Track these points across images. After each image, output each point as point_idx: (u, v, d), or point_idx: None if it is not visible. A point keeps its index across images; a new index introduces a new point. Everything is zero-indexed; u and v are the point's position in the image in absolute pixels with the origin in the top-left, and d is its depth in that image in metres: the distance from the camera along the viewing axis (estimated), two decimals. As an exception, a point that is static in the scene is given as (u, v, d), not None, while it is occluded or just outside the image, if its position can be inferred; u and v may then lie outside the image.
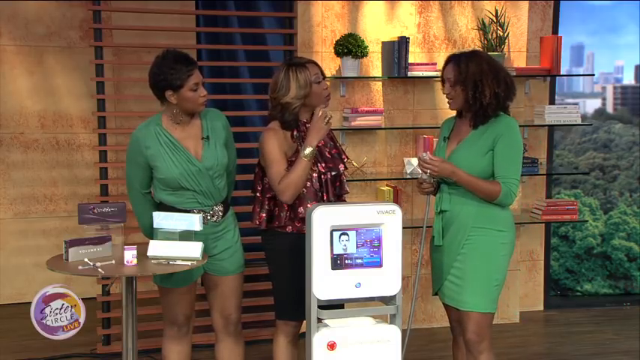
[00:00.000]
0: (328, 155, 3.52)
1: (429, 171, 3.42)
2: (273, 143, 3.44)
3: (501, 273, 3.47)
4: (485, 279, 3.42)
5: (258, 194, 3.57)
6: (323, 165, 3.48)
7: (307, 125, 3.49)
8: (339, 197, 3.58)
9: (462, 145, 3.47)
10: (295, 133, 3.48)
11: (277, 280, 3.61)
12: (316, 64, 3.54)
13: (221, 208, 3.54)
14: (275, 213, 3.52)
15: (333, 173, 3.51)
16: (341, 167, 3.55)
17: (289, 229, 3.49)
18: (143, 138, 3.44)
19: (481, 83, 3.37)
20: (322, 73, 3.53)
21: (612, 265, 6.30)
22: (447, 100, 3.52)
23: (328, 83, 3.65)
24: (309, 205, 3.38)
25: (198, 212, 3.43)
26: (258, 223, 3.56)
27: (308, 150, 3.36)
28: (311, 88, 3.44)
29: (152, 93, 3.46)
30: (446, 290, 3.52)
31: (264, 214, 3.53)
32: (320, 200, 3.45)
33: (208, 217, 3.50)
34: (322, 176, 3.48)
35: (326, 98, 3.52)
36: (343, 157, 3.60)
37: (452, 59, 3.48)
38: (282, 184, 3.40)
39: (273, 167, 3.44)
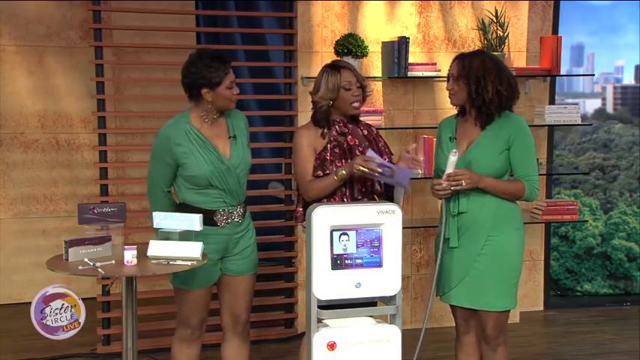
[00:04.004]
0: (357, 153, 3.55)
1: (463, 183, 3.40)
2: (302, 141, 3.56)
3: (519, 270, 3.56)
4: (507, 278, 3.50)
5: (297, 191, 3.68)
6: (348, 162, 3.50)
7: (340, 124, 3.56)
8: (369, 195, 3.56)
9: (475, 146, 3.48)
10: (325, 130, 3.55)
11: None
12: (352, 71, 3.59)
13: (242, 208, 3.60)
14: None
15: None
16: None
17: None
18: (173, 135, 3.47)
19: (484, 79, 3.41)
20: (359, 81, 3.58)
21: (612, 265, 6.30)
22: (448, 95, 3.55)
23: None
24: (332, 201, 3.46)
25: (223, 212, 3.50)
26: (296, 217, 3.67)
27: (340, 173, 3.43)
28: (339, 93, 3.53)
29: (184, 91, 3.51)
30: (460, 292, 3.53)
31: (300, 209, 3.63)
32: (342, 196, 3.49)
33: (233, 217, 3.54)
34: None
35: (352, 106, 3.57)
36: (385, 158, 3.60)
37: (458, 57, 3.54)
38: (309, 185, 3.51)
39: (300, 164, 3.56)
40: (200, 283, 3.53)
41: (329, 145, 3.53)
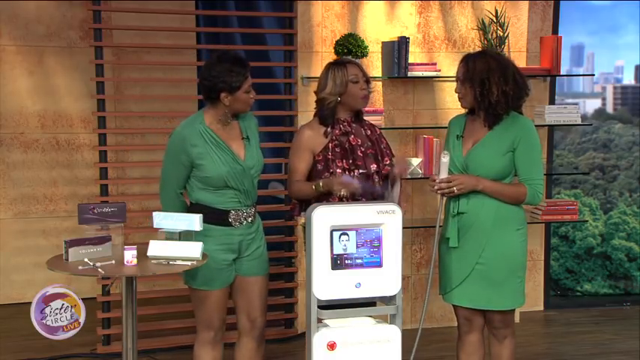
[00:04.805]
0: (360, 154, 3.57)
1: (455, 190, 3.41)
2: (302, 140, 3.62)
3: (523, 270, 3.57)
4: (511, 279, 3.50)
5: None
6: (350, 162, 3.53)
7: (344, 124, 3.59)
8: (368, 196, 3.56)
9: (479, 145, 3.48)
10: (329, 129, 3.58)
11: None
12: (358, 65, 3.65)
13: (254, 208, 3.62)
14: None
15: (361, 171, 3.55)
16: (373, 166, 3.58)
17: None
18: (189, 136, 3.46)
19: (488, 81, 3.41)
20: (365, 75, 3.64)
21: (612, 265, 6.30)
22: (458, 98, 3.56)
23: (374, 85, 3.78)
24: (330, 200, 3.48)
25: (237, 212, 3.50)
26: (291, 209, 3.76)
27: (318, 186, 3.48)
28: (347, 87, 3.57)
29: (204, 94, 3.50)
30: (462, 291, 3.53)
31: (296, 202, 3.70)
32: (342, 195, 3.47)
33: (246, 218, 3.55)
34: (347, 172, 3.53)
35: (362, 99, 3.62)
36: (386, 160, 3.63)
37: (463, 59, 3.54)
38: (294, 185, 3.61)
39: (293, 161, 3.64)
40: (221, 283, 3.53)
41: (330, 145, 3.54)
